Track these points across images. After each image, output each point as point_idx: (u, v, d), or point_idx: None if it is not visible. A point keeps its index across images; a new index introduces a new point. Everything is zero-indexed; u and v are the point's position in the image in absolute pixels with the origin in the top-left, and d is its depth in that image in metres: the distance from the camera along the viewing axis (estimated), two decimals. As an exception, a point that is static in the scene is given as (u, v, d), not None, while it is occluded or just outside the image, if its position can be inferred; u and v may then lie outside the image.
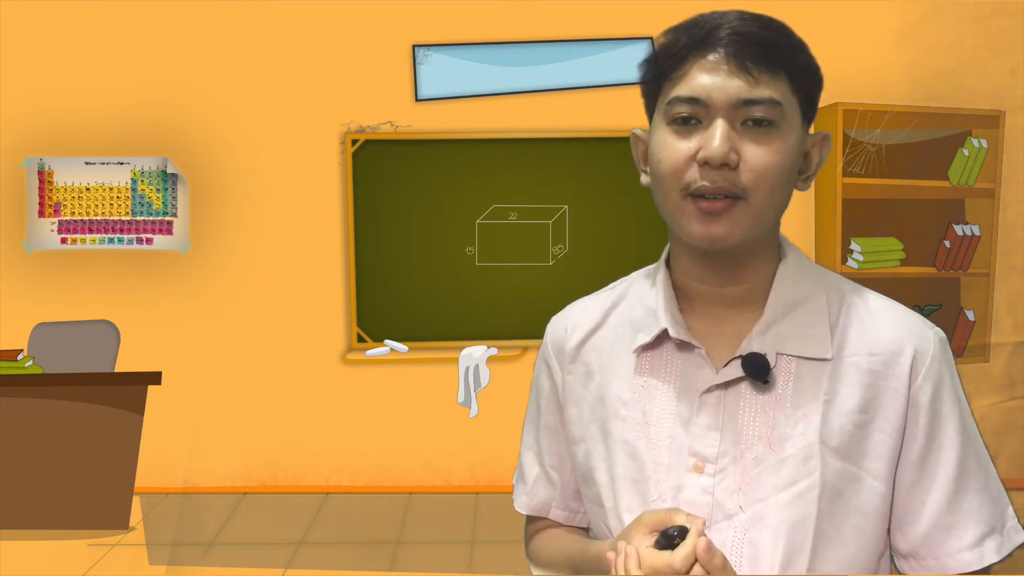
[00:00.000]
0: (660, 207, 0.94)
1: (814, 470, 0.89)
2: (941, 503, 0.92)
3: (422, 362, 3.50)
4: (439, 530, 3.20)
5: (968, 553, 0.92)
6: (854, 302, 0.97)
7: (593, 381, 1.01)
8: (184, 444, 3.44)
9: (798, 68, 0.91)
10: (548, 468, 1.09)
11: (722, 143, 0.86)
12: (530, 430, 1.12)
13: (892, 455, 0.91)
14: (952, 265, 3.47)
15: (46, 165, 3.49)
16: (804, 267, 0.97)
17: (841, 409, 0.91)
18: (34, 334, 3.29)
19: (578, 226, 3.51)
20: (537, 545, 1.13)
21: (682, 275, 0.98)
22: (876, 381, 0.92)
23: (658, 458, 0.94)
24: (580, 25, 3.45)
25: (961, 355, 3.49)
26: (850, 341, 0.93)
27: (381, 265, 3.55)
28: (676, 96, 0.90)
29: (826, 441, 0.90)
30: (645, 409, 0.96)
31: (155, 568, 2.98)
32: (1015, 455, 3.37)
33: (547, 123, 3.44)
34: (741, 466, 0.91)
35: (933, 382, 0.92)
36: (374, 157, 3.51)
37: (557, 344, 1.06)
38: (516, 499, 1.13)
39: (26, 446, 3.01)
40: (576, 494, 1.08)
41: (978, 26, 3.39)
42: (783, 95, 0.89)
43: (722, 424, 0.92)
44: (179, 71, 3.44)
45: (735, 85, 0.87)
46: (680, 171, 0.89)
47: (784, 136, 0.89)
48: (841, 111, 3.30)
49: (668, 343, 0.96)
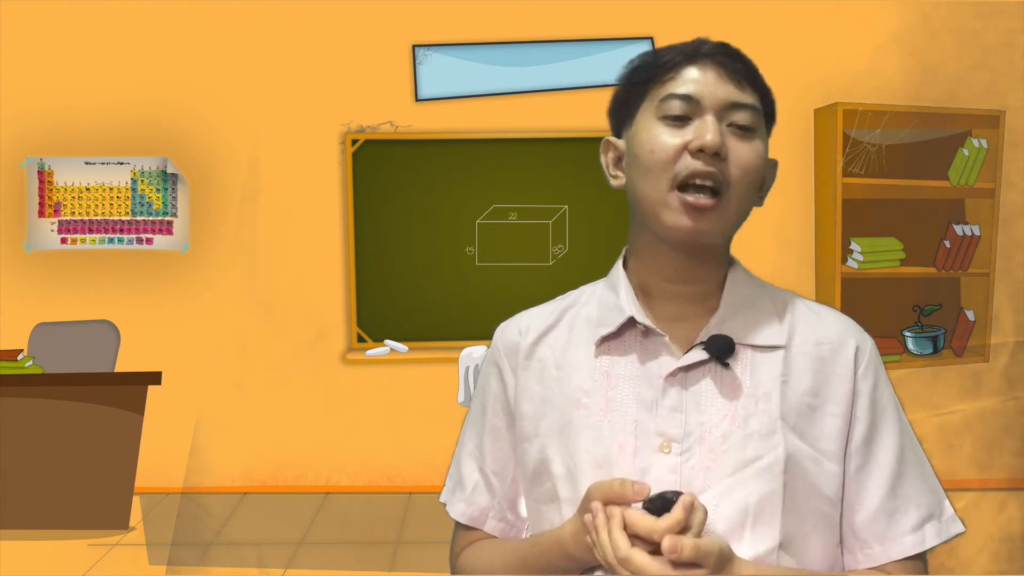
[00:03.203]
0: (641, 203, 1.00)
1: (778, 444, 0.94)
2: (884, 487, 0.98)
3: (422, 362, 3.50)
4: (439, 530, 3.19)
5: (910, 536, 0.98)
6: (797, 304, 1.05)
7: (549, 376, 1.04)
8: (184, 444, 3.43)
9: (766, 93, 1.01)
10: (490, 473, 1.10)
11: (716, 134, 0.94)
12: (471, 435, 1.12)
13: (842, 437, 0.98)
14: (952, 265, 3.47)
15: (46, 165, 3.49)
16: (750, 276, 1.06)
17: (796, 390, 0.97)
18: (34, 334, 3.29)
19: (578, 226, 3.51)
20: (469, 557, 1.11)
21: (644, 273, 1.04)
22: (824, 367, 0.99)
23: (624, 441, 0.97)
24: (580, 25, 3.45)
25: (961, 355, 3.50)
26: (798, 333, 1.01)
27: (381, 265, 3.55)
28: (671, 93, 0.97)
29: (786, 418, 0.96)
30: (608, 396, 0.99)
31: (155, 568, 2.99)
32: (1015, 455, 3.37)
33: (547, 123, 3.44)
34: (708, 444, 0.95)
35: (872, 374, 1.00)
36: (374, 157, 3.51)
37: (510, 345, 1.09)
38: (452, 507, 1.12)
39: (26, 446, 3.01)
40: (513, 505, 1.09)
41: (978, 26, 3.39)
42: (759, 107, 0.99)
43: (686, 406, 0.96)
44: (179, 71, 3.44)
45: (724, 89, 0.97)
46: (672, 161, 0.95)
47: (760, 142, 0.99)
48: (841, 111, 3.30)
49: (629, 334, 1.01)
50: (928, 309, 3.50)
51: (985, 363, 3.45)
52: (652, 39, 3.43)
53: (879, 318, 3.48)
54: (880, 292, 3.47)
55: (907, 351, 3.48)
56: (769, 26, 3.37)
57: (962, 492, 3.21)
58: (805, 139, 3.46)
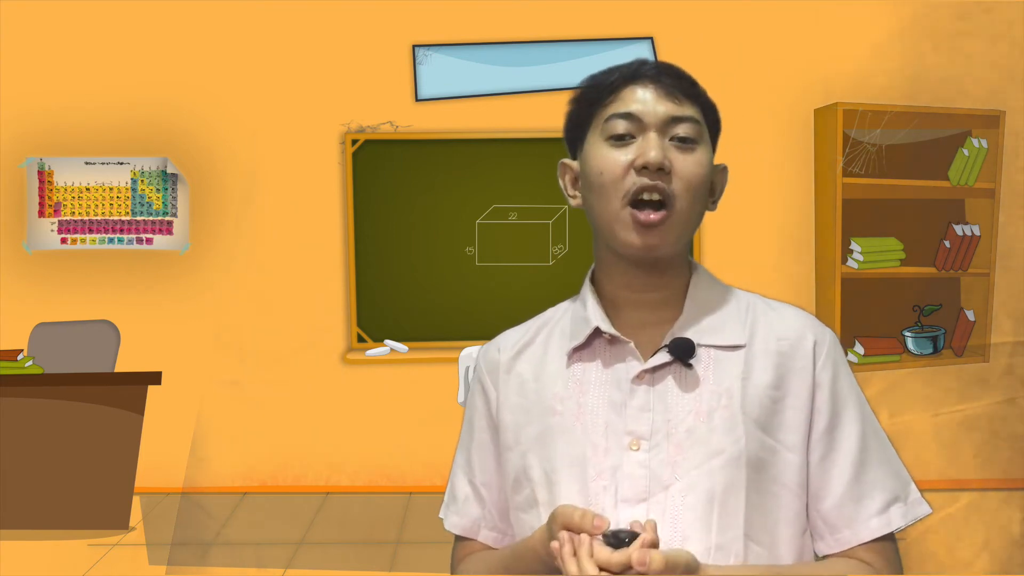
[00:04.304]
0: (597, 220, 1.05)
1: (740, 438, 0.99)
2: (848, 473, 1.03)
3: (422, 362, 3.50)
4: (439, 530, 3.19)
5: (877, 519, 1.02)
6: (758, 304, 1.10)
7: (528, 388, 1.10)
8: (184, 444, 3.44)
9: (707, 105, 1.07)
10: (479, 485, 1.15)
11: (658, 150, 1.00)
12: (462, 452, 1.19)
13: (803, 428, 1.02)
14: (952, 265, 3.47)
15: (46, 165, 3.49)
16: (712, 279, 1.11)
17: (757, 384, 1.02)
18: (34, 334, 3.29)
19: (578, 226, 3.51)
20: (465, 568, 1.17)
21: (609, 286, 1.09)
22: (785, 362, 1.04)
23: (596, 441, 1.02)
24: (579, 25, 3.45)
25: (961, 355, 3.50)
26: (759, 332, 1.06)
27: (381, 265, 3.55)
28: (613, 113, 1.03)
29: (747, 412, 1.00)
30: (580, 401, 1.05)
31: (155, 568, 2.99)
32: (1015, 455, 3.37)
33: (547, 123, 3.42)
34: (674, 439, 1.00)
35: (832, 366, 1.05)
36: (374, 157, 3.51)
37: (491, 363, 1.15)
38: (447, 520, 1.19)
39: (26, 446, 3.01)
40: (504, 514, 1.14)
41: (978, 26, 3.39)
42: (700, 119, 1.04)
43: (653, 405, 1.02)
44: (179, 71, 3.44)
45: (664, 105, 1.02)
46: (619, 179, 1.01)
47: (703, 152, 1.04)
48: (841, 111, 3.30)
49: (598, 342, 1.07)
50: (928, 309, 3.50)
51: (985, 363, 3.45)
52: (652, 39, 3.43)
53: (879, 318, 3.48)
54: (880, 292, 3.47)
55: (907, 351, 3.48)
56: (769, 26, 3.37)
57: (962, 492, 3.21)
58: (805, 139, 3.46)
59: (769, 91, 3.41)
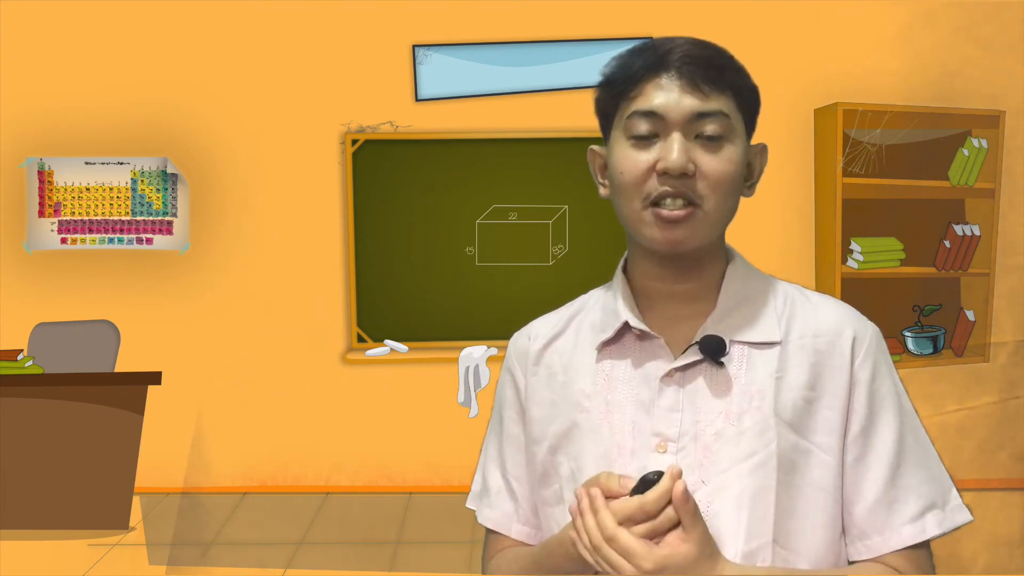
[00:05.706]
0: (621, 216, 1.03)
1: (771, 441, 0.95)
2: (883, 477, 0.98)
3: (422, 362, 3.50)
4: (439, 530, 3.20)
5: (909, 526, 0.98)
6: (796, 296, 1.05)
7: (556, 381, 1.07)
8: (184, 444, 3.44)
9: (741, 87, 1.00)
10: (511, 479, 1.12)
11: (680, 154, 0.94)
12: (492, 443, 1.16)
13: (839, 430, 0.98)
14: (952, 265, 3.47)
15: (46, 165, 3.49)
16: (749, 269, 1.07)
17: (791, 385, 0.97)
18: (34, 334, 3.29)
19: (578, 226, 3.51)
20: (498, 563, 1.14)
21: (640, 277, 1.05)
22: (821, 360, 0.99)
23: (622, 442, 0.99)
24: (580, 25, 3.45)
25: (961, 355, 3.49)
26: (795, 327, 1.01)
27: (381, 265, 3.55)
28: (635, 111, 0.97)
29: (780, 414, 0.96)
30: (608, 399, 1.02)
31: (155, 568, 2.99)
32: (1015, 455, 3.37)
33: (547, 123, 3.44)
34: (702, 442, 0.97)
35: (871, 363, 1.00)
36: (374, 157, 3.51)
37: (521, 352, 1.12)
38: (480, 512, 1.17)
39: (26, 446, 3.01)
40: (536, 510, 1.11)
41: (978, 26, 3.39)
42: (730, 110, 0.98)
43: (682, 405, 0.98)
44: (179, 71, 3.44)
45: (689, 101, 0.96)
46: (641, 182, 0.97)
47: (732, 148, 0.98)
48: (841, 111, 3.30)
49: (628, 337, 1.03)
50: (928, 309, 3.50)
51: (985, 363, 3.45)
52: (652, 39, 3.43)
53: (879, 318, 3.45)
54: (880, 292, 3.47)
55: (907, 351, 3.48)
56: (769, 26, 3.37)
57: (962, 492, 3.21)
58: (805, 139, 3.46)
59: (769, 91, 3.37)
